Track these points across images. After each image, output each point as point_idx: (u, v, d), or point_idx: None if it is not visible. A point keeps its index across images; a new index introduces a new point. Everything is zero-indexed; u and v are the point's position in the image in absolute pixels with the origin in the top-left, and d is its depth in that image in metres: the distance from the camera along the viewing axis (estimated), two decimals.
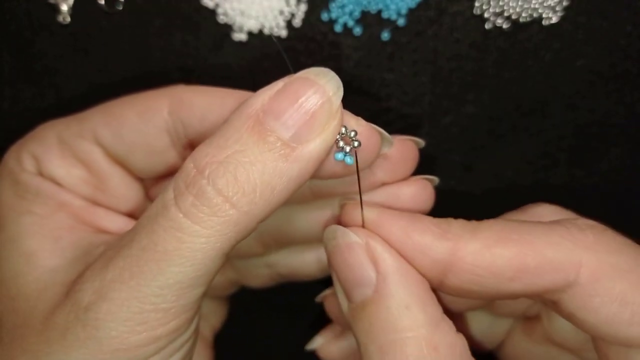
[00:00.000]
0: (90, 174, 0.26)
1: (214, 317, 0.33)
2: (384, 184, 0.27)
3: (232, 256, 0.30)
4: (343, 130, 0.22)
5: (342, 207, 0.26)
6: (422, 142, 0.28)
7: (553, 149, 0.34)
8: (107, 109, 0.26)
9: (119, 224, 0.26)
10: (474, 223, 0.24)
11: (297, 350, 0.37)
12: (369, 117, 0.33)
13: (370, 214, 0.24)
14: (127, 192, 0.27)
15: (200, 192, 0.20)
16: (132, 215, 0.28)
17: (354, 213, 0.25)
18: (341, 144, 0.23)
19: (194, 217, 0.20)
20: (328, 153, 0.22)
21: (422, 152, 0.30)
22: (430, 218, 0.24)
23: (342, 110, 0.22)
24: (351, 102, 0.33)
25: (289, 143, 0.21)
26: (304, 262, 0.31)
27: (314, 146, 0.21)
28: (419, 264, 0.23)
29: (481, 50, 0.32)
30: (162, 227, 0.20)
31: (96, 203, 0.27)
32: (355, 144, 0.23)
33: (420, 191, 0.27)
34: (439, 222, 0.24)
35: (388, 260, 0.23)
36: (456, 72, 0.33)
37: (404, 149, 0.27)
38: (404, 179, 0.27)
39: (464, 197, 0.35)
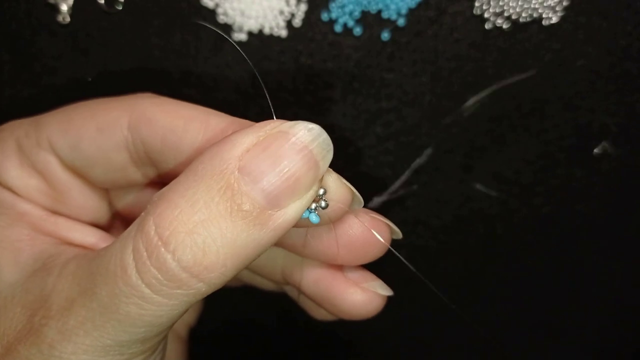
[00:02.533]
0: (47, 185, 0.25)
1: (189, 314, 0.32)
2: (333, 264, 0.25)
3: None
4: None
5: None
6: (399, 233, 0.25)
7: (553, 149, 0.34)
8: (65, 116, 0.24)
9: (82, 234, 0.25)
10: None
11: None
12: (369, 117, 0.33)
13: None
14: (87, 202, 0.26)
15: (165, 267, 0.18)
16: (95, 224, 0.27)
17: None
18: None
19: (157, 290, 0.19)
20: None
21: (422, 152, 0.30)
22: None
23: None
24: (351, 102, 0.33)
25: (265, 210, 0.19)
26: (268, 282, 0.30)
27: (291, 212, 0.19)
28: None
29: (481, 50, 0.32)
30: (123, 294, 0.19)
31: (56, 213, 0.25)
32: (322, 204, 0.20)
33: (364, 302, 0.25)
34: None
35: None
36: (456, 72, 0.33)
37: (368, 236, 0.24)
38: (360, 263, 0.25)
39: (464, 197, 0.35)
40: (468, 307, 0.37)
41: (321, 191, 0.20)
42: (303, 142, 0.19)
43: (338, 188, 0.21)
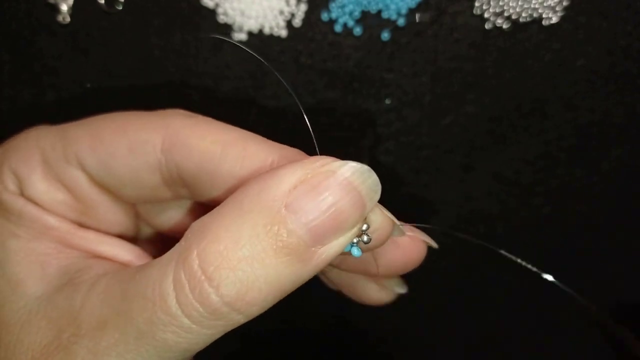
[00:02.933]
0: (75, 199, 0.24)
1: None
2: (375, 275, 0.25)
3: None
4: None
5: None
6: (434, 244, 0.25)
7: (553, 149, 0.34)
8: (95, 132, 0.24)
9: (112, 247, 0.24)
10: None
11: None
12: (369, 117, 0.33)
13: None
14: (115, 216, 0.25)
15: (208, 302, 0.18)
16: (122, 237, 0.26)
17: None
18: None
19: (196, 321, 0.19)
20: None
21: (422, 153, 0.30)
22: None
23: None
24: (351, 102, 0.33)
25: (309, 247, 0.19)
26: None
27: (333, 249, 0.19)
28: None
29: (481, 50, 0.32)
30: (161, 322, 0.19)
31: (83, 226, 0.25)
32: (365, 238, 0.20)
33: (382, 299, 0.26)
34: None
35: None
36: (456, 72, 0.33)
37: (413, 248, 0.24)
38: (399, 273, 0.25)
39: (464, 197, 0.35)
40: (468, 307, 0.37)
41: (364, 227, 0.20)
42: (352, 182, 0.19)
43: (381, 222, 0.21)
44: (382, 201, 0.26)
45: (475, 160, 0.34)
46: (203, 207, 0.26)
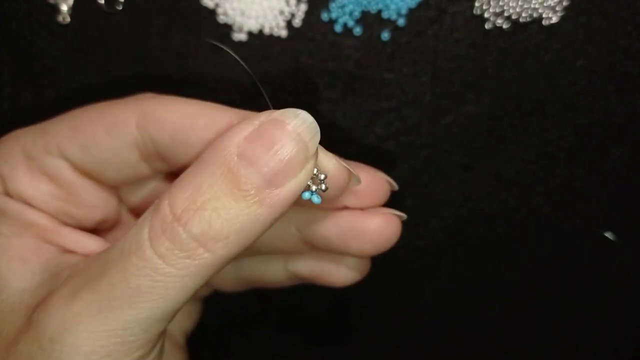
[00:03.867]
0: (59, 188, 0.26)
1: (185, 319, 0.33)
2: (346, 207, 0.27)
3: None
4: (314, 170, 0.22)
5: None
6: (395, 186, 0.28)
7: (553, 149, 0.34)
8: (73, 121, 0.26)
9: (83, 243, 0.26)
10: None
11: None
12: (369, 117, 0.33)
13: None
14: (98, 201, 0.27)
15: (177, 238, 0.21)
16: (105, 221, 0.28)
17: None
18: (309, 182, 0.22)
19: (168, 260, 0.21)
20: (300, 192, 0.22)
21: (422, 152, 0.30)
22: None
23: (317, 152, 0.22)
24: (351, 102, 0.33)
25: (263, 189, 0.21)
26: (270, 270, 0.31)
27: (287, 191, 0.21)
28: None
29: (481, 50, 0.32)
30: (135, 266, 0.21)
31: (68, 215, 0.26)
32: (323, 187, 0.23)
33: (384, 226, 0.27)
34: None
35: None
36: (456, 72, 0.33)
37: (373, 184, 0.27)
38: (369, 207, 0.27)
39: (464, 197, 0.35)
40: (469, 307, 0.37)
41: (322, 176, 0.23)
42: (292, 126, 0.21)
43: (337, 171, 0.23)
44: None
45: (475, 160, 0.34)
46: None
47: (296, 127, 0.21)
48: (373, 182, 0.27)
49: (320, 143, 0.24)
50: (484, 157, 0.34)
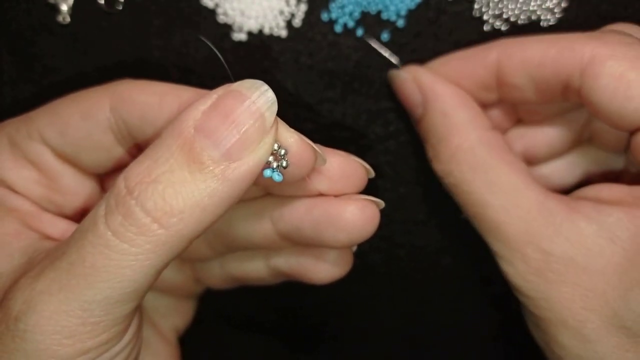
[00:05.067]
0: (41, 174, 0.26)
1: (177, 316, 0.33)
2: (321, 194, 0.26)
3: (184, 258, 0.30)
4: (275, 146, 0.22)
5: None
6: (372, 173, 0.26)
7: None
8: (52, 108, 0.26)
9: (61, 229, 0.26)
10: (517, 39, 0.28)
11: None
12: (369, 117, 0.33)
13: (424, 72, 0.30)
14: (79, 189, 0.27)
15: (129, 212, 0.20)
16: (88, 209, 0.28)
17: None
18: (270, 159, 0.22)
19: (121, 236, 0.20)
20: (261, 169, 0.22)
21: (422, 152, 0.30)
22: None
23: (277, 125, 0.22)
24: (351, 102, 0.33)
25: (220, 162, 0.20)
26: (252, 267, 0.30)
27: (246, 165, 0.21)
28: (475, 73, 0.29)
29: None
30: (90, 244, 0.20)
31: (50, 202, 0.27)
32: (284, 163, 0.22)
33: (359, 213, 0.25)
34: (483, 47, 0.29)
35: (429, 85, 0.29)
36: None
37: (346, 167, 0.25)
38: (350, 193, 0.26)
39: None
40: (470, 305, 0.37)
41: (282, 151, 0.22)
42: (248, 98, 0.21)
43: (299, 147, 0.22)
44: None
45: None
46: None
47: (253, 98, 0.21)
48: (346, 166, 0.25)
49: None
50: None
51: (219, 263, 0.31)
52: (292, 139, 0.22)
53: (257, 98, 0.21)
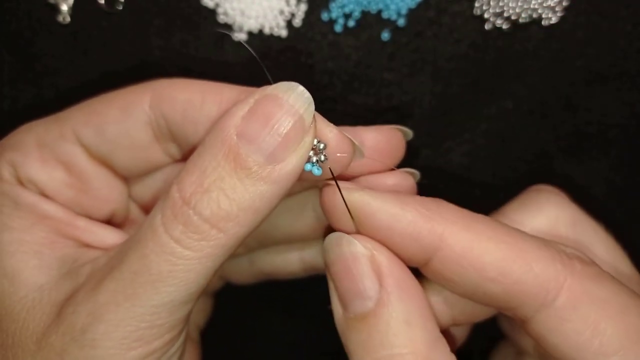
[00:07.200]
0: (72, 176, 0.26)
1: (199, 313, 0.33)
2: (363, 175, 0.27)
3: None
4: (315, 141, 0.22)
5: (321, 189, 0.24)
6: (410, 133, 0.28)
7: (552, 148, 0.34)
8: (88, 107, 0.26)
9: (100, 236, 0.26)
10: (465, 212, 0.23)
11: (291, 347, 0.37)
12: (369, 117, 0.33)
13: (354, 197, 0.23)
14: (110, 192, 0.27)
15: (189, 221, 0.21)
16: (115, 215, 0.28)
17: (333, 197, 0.23)
18: (310, 153, 0.22)
19: (184, 243, 0.21)
20: (304, 165, 0.22)
21: (422, 152, 0.30)
22: (417, 198, 0.23)
23: (315, 123, 0.22)
24: (351, 102, 0.33)
25: (265, 165, 0.21)
26: (286, 261, 0.31)
27: (290, 165, 0.21)
28: (406, 246, 0.22)
29: (481, 50, 0.32)
30: (154, 252, 0.21)
31: (79, 205, 0.26)
32: (322, 157, 0.23)
33: (402, 182, 0.27)
34: (428, 203, 0.23)
35: (394, 274, 0.22)
36: (456, 72, 0.33)
37: (390, 140, 0.27)
38: (386, 170, 0.27)
39: (464, 197, 0.35)
40: None
41: (321, 145, 0.22)
42: (286, 100, 0.21)
43: (338, 141, 0.23)
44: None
45: (475, 160, 0.34)
46: None
47: (290, 100, 0.21)
48: (380, 141, 0.26)
49: None
50: (483, 157, 0.34)
51: (248, 259, 0.32)
52: (331, 134, 0.23)
53: (294, 100, 0.21)
